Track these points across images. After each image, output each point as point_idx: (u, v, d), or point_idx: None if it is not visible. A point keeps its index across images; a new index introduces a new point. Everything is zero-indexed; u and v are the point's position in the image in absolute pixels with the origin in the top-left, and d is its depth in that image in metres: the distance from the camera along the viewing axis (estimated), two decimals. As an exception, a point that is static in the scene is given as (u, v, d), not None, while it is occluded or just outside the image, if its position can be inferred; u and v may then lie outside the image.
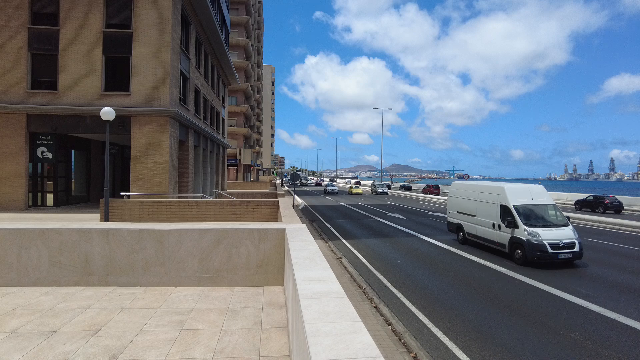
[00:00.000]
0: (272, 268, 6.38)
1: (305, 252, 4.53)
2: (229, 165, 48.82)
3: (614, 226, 22.67)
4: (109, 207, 13.19)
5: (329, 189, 57.53)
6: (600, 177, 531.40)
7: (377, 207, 35.04)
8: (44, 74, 19.00)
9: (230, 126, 52.21)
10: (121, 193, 18.86)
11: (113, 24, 19.10)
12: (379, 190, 56.22)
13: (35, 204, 19.94)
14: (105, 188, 13.05)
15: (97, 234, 6.20)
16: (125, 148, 26.86)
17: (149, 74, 18.92)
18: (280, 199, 17.26)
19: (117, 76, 19.25)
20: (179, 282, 6.25)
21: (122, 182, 26.32)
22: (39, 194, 20.29)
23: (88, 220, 14.83)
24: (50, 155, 19.30)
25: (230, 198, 20.25)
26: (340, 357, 1.84)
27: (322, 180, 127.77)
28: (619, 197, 33.61)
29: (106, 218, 12.92)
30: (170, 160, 19.03)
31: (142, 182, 18.66)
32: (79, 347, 4.14)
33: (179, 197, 19.90)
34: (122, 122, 18.62)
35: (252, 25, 58.75)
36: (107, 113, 13.12)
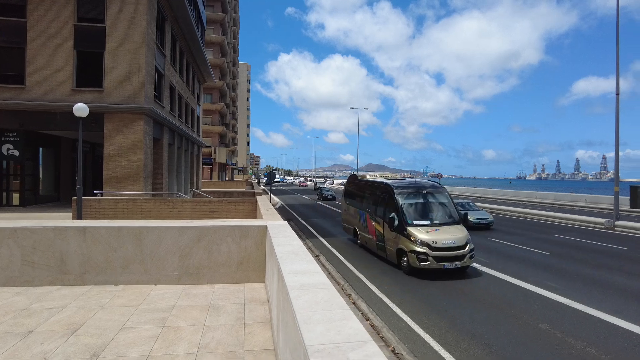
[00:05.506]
0: (253, 265, 6.40)
1: (289, 247, 4.59)
2: (203, 164, 48.10)
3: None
4: (82, 206, 12.82)
5: None
6: (567, 176, 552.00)
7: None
8: (10, 67, 18.20)
9: (205, 124, 51.43)
10: (94, 191, 18.31)
11: (85, 17, 18.48)
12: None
13: (0, 204, 19.13)
14: (78, 186, 12.68)
15: (73, 232, 6.05)
16: (97, 146, 26.09)
17: (123, 70, 18.44)
18: (258, 197, 17.20)
19: (89, 72, 18.64)
20: (159, 280, 6.18)
21: (93, 181, 25.54)
22: (4, 193, 19.47)
23: (60, 220, 14.33)
24: (16, 153, 18.53)
25: (206, 197, 20.01)
26: (334, 342, 1.91)
27: (311, 181, 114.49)
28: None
29: (79, 217, 12.56)
30: (144, 158, 18.62)
31: (116, 181, 18.18)
32: (58, 346, 4.05)
33: (153, 195, 19.49)
34: (95, 119, 18.06)
35: (228, 22, 58.06)
36: (80, 109, 12.74)
